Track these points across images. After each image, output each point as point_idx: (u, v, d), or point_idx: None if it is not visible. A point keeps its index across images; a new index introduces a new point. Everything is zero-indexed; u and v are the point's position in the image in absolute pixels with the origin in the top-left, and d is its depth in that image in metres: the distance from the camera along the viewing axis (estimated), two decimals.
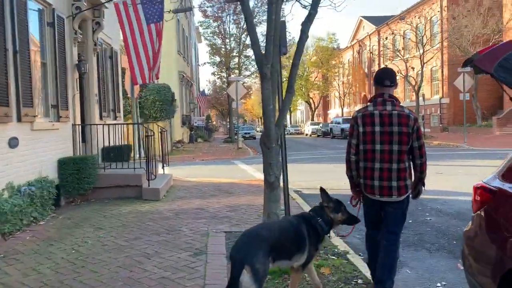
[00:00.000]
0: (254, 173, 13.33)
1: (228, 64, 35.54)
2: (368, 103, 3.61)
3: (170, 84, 23.42)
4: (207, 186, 10.05)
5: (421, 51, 32.52)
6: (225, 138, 37.45)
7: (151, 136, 8.42)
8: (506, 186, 2.66)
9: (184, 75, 30.35)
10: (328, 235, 3.60)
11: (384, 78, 3.53)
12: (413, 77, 34.25)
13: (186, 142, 30.33)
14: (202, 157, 20.20)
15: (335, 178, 11.32)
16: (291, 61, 5.14)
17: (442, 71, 34.22)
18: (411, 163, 3.51)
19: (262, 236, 3.07)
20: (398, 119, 3.37)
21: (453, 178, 10.15)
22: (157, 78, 10.67)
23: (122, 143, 9.75)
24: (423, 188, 3.63)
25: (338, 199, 3.68)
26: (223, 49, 36.71)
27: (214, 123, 79.92)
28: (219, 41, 37.28)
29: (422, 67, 32.70)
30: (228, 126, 41.26)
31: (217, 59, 37.50)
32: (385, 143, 3.40)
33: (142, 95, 20.92)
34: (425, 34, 33.10)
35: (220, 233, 5.65)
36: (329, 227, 3.50)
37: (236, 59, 34.80)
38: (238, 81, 23.75)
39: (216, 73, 39.93)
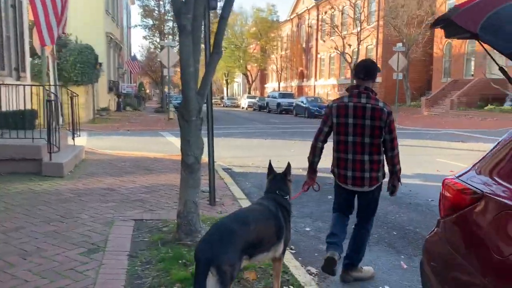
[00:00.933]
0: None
1: (161, 28, 33.32)
2: (344, 95, 3.64)
3: (96, 46, 21.30)
4: (125, 160, 8.91)
5: (358, 28, 32.67)
6: (156, 108, 35.54)
7: (53, 100, 7.07)
8: (499, 189, 1.95)
9: (113, 37, 27.95)
10: None
11: (359, 71, 3.52)
12: (349, 54, 34.46)
13: (112, 110, 28.26)
14: (128, 127, 18.68)
15: (268, 155, 10.65)
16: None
17: (377, 50, 34.75)
18: (384, 155, 3.54)
19: (234, 230, 2.56)
20: (371, 112, 3.35)
21: None
22: (64, 33, 9.13)
23: (25, 108, 8.27)
24: (399, 184, 3.60)
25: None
26: (157, 11, 34.33)
27: (148, 91, 76.45)
28: (152, 2, 34.82)
29: (359, 44, 32.95)
30: (160, 95, 39.14)
31: (150, 22, 35.02)
32: (357, 135, 3.41)
33: (61, 56, 18.75)
34: (363, 11, 33.21)
35: (128, 221, 4.68)
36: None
37: (170, 23, 32.61)
38: (171, 46, 22.11)
39: (148, 37, 37.34)
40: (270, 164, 3.31)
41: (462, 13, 2.18)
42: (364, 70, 3.47)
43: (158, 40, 34.52)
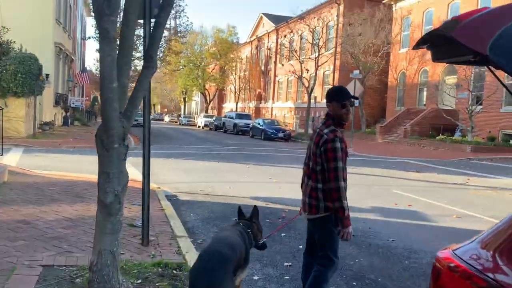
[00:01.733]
0: (130, 169, 11.26)
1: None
2: None
3: (42, 56, 19.92)
4: (55, 184, 7.86)
5: (316, 54, 32.97)
6: None
7: None
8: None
9: (62, 48, 26.44)
10: None
11: (326, 97, 3.43)
12: (306, 79, 34.65)
13: (58, 124, 26.54)
14: (73, 143, 17.33)
15: (219, 180, 9.90)
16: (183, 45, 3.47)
17: (334, 76, 35.18)
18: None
19: (227, 256, 2.66)
20: (316, 138, 3.26)
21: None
22: None
23: None
24: (346, 230, 3.15)
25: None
26: None
27: None
28: None
29: (316, 70, 33.21)
30: None
31: None
32: (309, 160, 3.36)
33: (0, 64, 17.30)
34: (321, 37, 33.64)
35: (34, 268, 3.77)
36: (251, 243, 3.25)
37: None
38: None
39: None
40: (239, 209, 3.42)
41: (463, 28, 1.62)
42: (327, 96, 3.36)
43: None
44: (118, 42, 3.08)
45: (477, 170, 14.44)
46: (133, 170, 11.06)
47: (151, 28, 3.52)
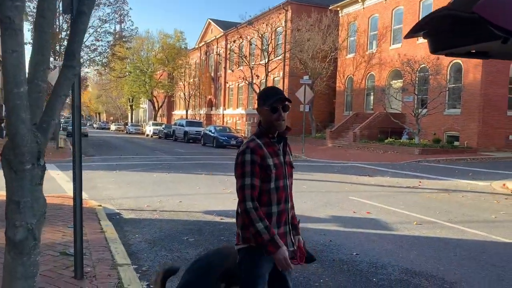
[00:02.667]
0: (68, 184, 10.32)
1: (55, 46, 30.26)
2: None
3: None
4: None
5: (266, 59, 32.89)
6: None
7: None
8: None
9: None
10: None
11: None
12: (257, 85, 34.46)
13: None
14: None
15: (170, 194, 9.21)
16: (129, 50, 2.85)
17: (284, 82, 35.24)
18: None
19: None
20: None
21: (299, 197, 9.03)
22: None
23: None
24: (276, 257, 2.35)
25: None
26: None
27: None
28: None
29: (266, 75, 33.10)
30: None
31: None
32: None
33: None
34: (270, 43, 33.61)
35: None
36: None
37: (66, 43, 29.77)
38: (58, 66, 19.69)
39: None
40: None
41: (487, 3, 1.20)
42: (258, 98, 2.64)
43: (52, 59, 31.29)
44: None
45: (426, 172, 14.68)
46: (72, 185, 10.16)
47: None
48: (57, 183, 10.41)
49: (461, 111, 22.77)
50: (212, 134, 28.65)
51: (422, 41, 21.12)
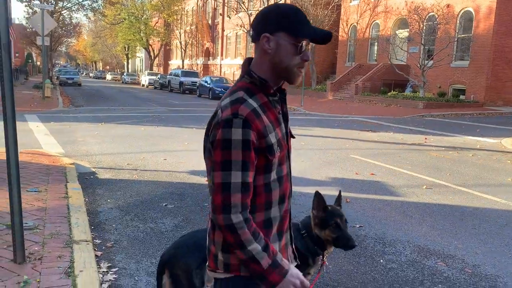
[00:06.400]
0: (45, 138, 9.52)
1: None
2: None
3: None
4: None
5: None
6: (38, 83, 30.68)
7: None
8: None
9: None
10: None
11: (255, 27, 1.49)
12: None
13: None
14: None
15: (155, 151, 8.41)
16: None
17: None
18: None
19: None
20: (210, 121, 1.46)
21: (297, 155, 8.24)
22: None
23: None
24: None
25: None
26: None
27: (39, 63, 67.55)
28: None
29: None
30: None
31: None
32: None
33: None
34: None
35: None
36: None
37: None
38: (45, 9, 18.28)
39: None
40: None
41: None
42: (256, 23, 1.46)
43: (38, 2, 29.42)
44: None
45: (431, 127, 13.86)
46: (50, 139, 9.34)
47: None
48: (33, 136, 9.59)
49: (469, 63, 21.58)
50: (208, 85, 27.56)
51: None
